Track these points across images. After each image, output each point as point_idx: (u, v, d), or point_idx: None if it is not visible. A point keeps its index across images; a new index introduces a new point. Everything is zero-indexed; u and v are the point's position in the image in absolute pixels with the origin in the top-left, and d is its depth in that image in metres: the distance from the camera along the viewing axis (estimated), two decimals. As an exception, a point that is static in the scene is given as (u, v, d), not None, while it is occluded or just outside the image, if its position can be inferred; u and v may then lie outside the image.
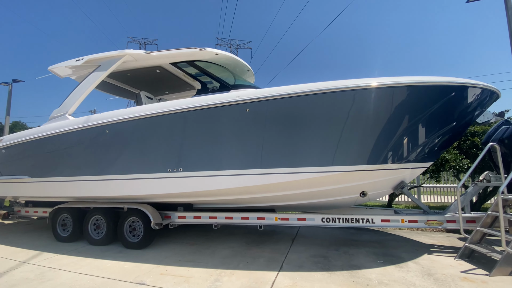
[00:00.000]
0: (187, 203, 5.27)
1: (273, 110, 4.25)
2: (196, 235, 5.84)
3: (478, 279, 3.44)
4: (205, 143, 4.57)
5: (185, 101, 4.72)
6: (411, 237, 5.54)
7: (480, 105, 4.47)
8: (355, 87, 4.09)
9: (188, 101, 4.69)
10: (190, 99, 4.73)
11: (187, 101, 4.69)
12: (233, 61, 5.60)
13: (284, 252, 4.59)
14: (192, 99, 4.73)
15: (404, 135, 4.30)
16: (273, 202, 4.99)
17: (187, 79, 6.30)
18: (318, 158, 4.29)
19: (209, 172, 4.59)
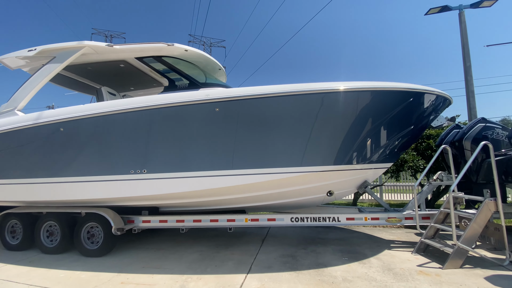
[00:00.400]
0: (152, 207, 5.01)
1: (244, 111, 4.21)
2: (163, 240, 5.58)
3: (432, 272, 3.70)
4: (172, 143, 4.37)
5: (149, 98, 4.48)
6: (374, 233, 5.84)
7: (434, 110, 4.84)
8: (323, 90, 4.20)
9: (154, 98, 4.45)
10: (155, 96, 4.50)
11: (152, 98, 4.45)
12: (204, 58, 5.45)
13: (254, 253, 4.56)
14: (158, 96, 4.51)
15: (367, 137, 4.51)
16: (244, 203, 4.94)
17: (155, 75, 6.01)
18: (289, 159, 4.33)
19: (177, 174, 4.41)
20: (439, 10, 10.22)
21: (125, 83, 6.52)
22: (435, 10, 10.22)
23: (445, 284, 3.32)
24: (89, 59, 5.50)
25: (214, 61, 5.57)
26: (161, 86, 6.57)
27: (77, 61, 5.39)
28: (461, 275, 3.58)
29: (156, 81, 6.42)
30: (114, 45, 5.07)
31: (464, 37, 9.98)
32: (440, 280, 3.44)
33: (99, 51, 5.22)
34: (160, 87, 6.66)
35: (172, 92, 4.57)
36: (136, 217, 4.95)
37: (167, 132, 4.36)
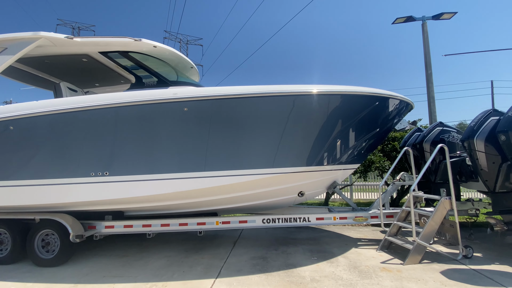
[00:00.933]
0: (117, 211, 4.72)
1: (216, 111, 4.12)
2: (128, 246, 5.28)
3: (394, 268, 3.89)
4: (138, 144, 4.15)
5: (112, 96, 4.22)
6: (343, 232, 6.03)
7: (398, 114, 5.10)
8: (296, 92, 4.25)
9: (116, 95, 4.20)
10: (119, 94, 4.25)
11: (115, 96, 4.19)
12: (175, 56, 5.25)
13: (224, 256, 4.48)
14: (122, 93, 4.26)
15: (337, 138, 4.63)
16: (216, 205, 4.84)
17: (121, 71, 5.69)
18: (261, 160, 4.32)
19: (143, 176, 4.20)
20: (404, 20, 10.89)
21: (88, 78, 6.10)
22: (401, 20, 10.87)
23: (405, 280, 3.50)
24: (47, 52, 5.06)
25: (185, 59, 5.40)
26: (129, 83, 6.26)
27: (33, 53, 4.93)
28: (420, 270, 3.79)
29: (124, 77, 6.08)
30: (75, 38, 4.71)
31: (426, 46, 10.73)
32: (400, 276, 3.61)
33: (57, 44, 4.81)
34: (129, 84, 6.34)
35: (138, 90, 4.34)
36: (98, 222, 4.63)
37: (132, 132, 4.13)
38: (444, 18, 10.67)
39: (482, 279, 3.46)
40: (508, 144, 3.59)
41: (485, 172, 4.23)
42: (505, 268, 3.78)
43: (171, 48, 4.93)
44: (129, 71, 5.01)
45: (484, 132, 4.15)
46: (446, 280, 3.44)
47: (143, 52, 4.81)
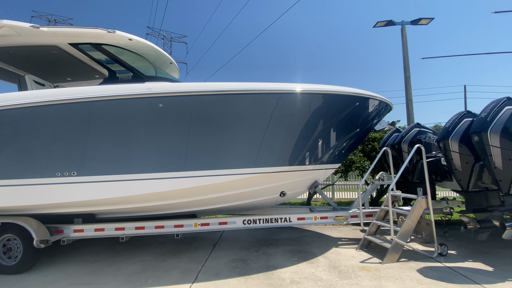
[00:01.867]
0: (87, 214, 4.43)
1: (195, 108, 3.95)
2: (100, 250, 4.98)
3: (373, 267, 3.90)
4: (110, 142, 3.90)
5: (79, 90, 3.94)
6: (324, 232, 6.04)
7: (377, 115, 5.17)
8: (279, 91, 4.17)
9: (85, 89, 3.92)
10: (88, 87, 3.97)
11: (82, 90, 3.92)
12: (153, 51, 5.01)
13: (203, 260, 4.31)
14: (92, 87, 3.99)
15: (318, 138, 4.61)
16: (195, 207, 4.67)
17: (95, 65, 5.36)
18: (243, 159, 4.21)
19: (116, 176, 3.96)
20: (385, 24, 11.17)
21: (58, 72, 5.71)
22: (382, 23, 11.15)
23: (383, 279, 3.51)
24: (12, 42, 4.66)
25: (164, 54, 5.18)
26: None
27: (-4, 43, 4.53)
28: (397, 269, 3.83)
29: (98, 72, 5.75)
30: (42, 27, 4.37)
31: (405, 49, 11.06)
32: (379, 275, 3.62)
33: (22, 33, 4.44)
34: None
35: (111, 84, 4.09)
36: (66, 226, 4.32)
37: (103, 129, 3.88)
38: (422, 23, 11.05)
39: (456, 276, 3.54)
40: (480, 144, 3.70)
41: (459, 172, 4.36)
42: (478, 265, 3.90)
43: (148, 42, 4.70)
44: (102, 65, 4.72)
45: (458, 133, 4.28)
46: (423, 279, 3.49)
47: (117, 45, 4.54)
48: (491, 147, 3.60)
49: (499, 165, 3.60)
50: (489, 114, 3.68)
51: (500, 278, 3.43)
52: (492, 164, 3.64)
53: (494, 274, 3.60)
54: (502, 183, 3.64)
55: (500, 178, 3.64)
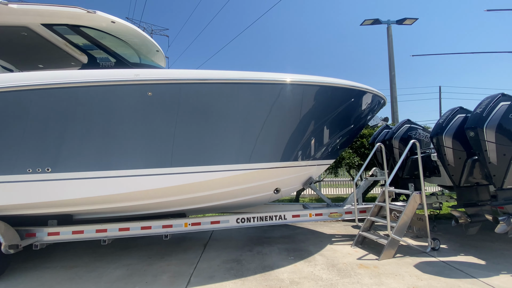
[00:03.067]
0: (63, 214, 4.00)
1: (185, 97, 3.63)
2: (79, 254, 4.55)
3: (371, 264, 3.84)
4: (90, 134, 3.51)
5: (55, 74, 3.50)
6: (316, 228, 5.96)
7: (373, 109, 5.12)
8: (276, 81, 3.96)
9: (62, 74, 3.49)
10: (67, 71, 3.54)
11: (59, 74, 3.48)
12: (138, 36, 4.60)
13: (194, 262, 4.04)
14: (70, 71, 3.56)
15: (315, 132, 4.47)
16: (185, 205, 4.37)
17: (72, 50, 4.85)
18: (236, 155, 3.97)
19: (97, 173, 3.58)
20: (371, 22, 11.31)
21: (29, 57, 5.12)
22: (369, 22, 11.28)
23: (383, 276, 3.44)
24: (-27, 21, 4.08)
25: (150, 41, 4.77)
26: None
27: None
28: (395, 265, 3.79)
29: (75, 59, 5.22)
30: (11, 3, 3.84)
31: (390, 48, 11.27)
32: (378, 272, 3.56)
33: (-14, 11, 3.89)
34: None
35: (91, 70, 3.67)
36: (39, 229, 3.88)
37: (82, 120, 3.47)
38: (406, 23, 11.31)
39: (452, 271, 3.55)
40: (476, 139, 3.73)
41: (451, 167, 4.40)
42: (471, 259, 3.96)
43: (132, 26, 4.29)
44: (81, 50, 4.25)
45: (452, 128, 4.30)
46: (421, 274, 3.46)
47: (98, 28, 4.11)
48: (486, 143, 3.63)
49: (493, 160, 3.64)
50: (485, 109, 3.71)
51: (494, 272, 3.48)
52: (487, 159, 3.68)
53: (487, 267, 3.66)
54: (496, 178, 3.70)
55: (494, 173, 3.69)
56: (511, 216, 3.54)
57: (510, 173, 3.59)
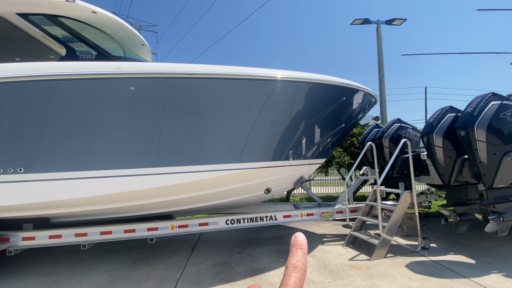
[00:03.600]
0: (39, 218, 3.73)
1: (174, 93, 3.43)
2: (57, 260, 4.27)
3: (363, 265, 3.77)
4: (68, 132, 3.26)
5: (30, 66, 3.23)
6: (307, 228, 5.88)
7: (365, 108, 5.06)
8: (267, 77, 3.82)
9: (38, 65, 3.22)
10: (43, 63, 3.27)
11: (34, 66, 3.21)
12: (121, 28, 4.35)
13: (181, 266, 3.87)
14: (47, 63, 3.29)
15: (307, 131, 4.37)
16: (171, 207, 4.17)
17: (50, 42, 4.54)
18: (226, 154, 3.81)
19: (76, 173, 3.33)
20: (361, 22, 11.35)
21: (4, 49, 4.78)
22: (359, 21, 11.31)
23: (375, 277, 3.38)
24: None
25: (135, 34, 4.52)
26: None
27: None
28: (387, 265, 3.74)
29: (54, 52, 4.89)
30: None
31: (380, 48, 11.35)
32: (370, 273, 3.50)
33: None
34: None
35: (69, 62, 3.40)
36: (12, 233, 3.60)
37: (60, 116, 3.22)
38: (395, 23, 11.42)
39: (444, 270, 3.54)
40: (467, 139, 3.72)
41: (441, 166, 4.40)
42: (460, 258, 3.96)
43: (115, 17, 4.04)
44: (60, 42, 3.97)
45: (442, 128, 4.30)
46: (413, 275, 3.42)
47: (78, 19, 3.84)
48: (477, 142, 3.63)
49: (484, 159, 3.64)
50: (475, 109, 3.70)
51: (484, 271, 3.48)
52: (478, 158, 3.68)
53: (477, 266, 3.66)
54: (486, 177, 3.71)
55: (484, 172, 3.70)
56: (501, 215, 3.56)
57: (500, 172, 3.61)
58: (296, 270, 0.38)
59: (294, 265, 0.39)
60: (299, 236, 0.42)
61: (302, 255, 0.40)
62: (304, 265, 0.39)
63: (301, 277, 0.38)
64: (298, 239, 0.42)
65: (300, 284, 0.37)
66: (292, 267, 0.39)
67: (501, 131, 3.56)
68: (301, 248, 0.41)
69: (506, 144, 3.57)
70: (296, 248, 0.41)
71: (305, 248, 0.41)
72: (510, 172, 3.66)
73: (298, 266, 0.39)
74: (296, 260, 0.39)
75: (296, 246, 0.41)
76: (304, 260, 0.40)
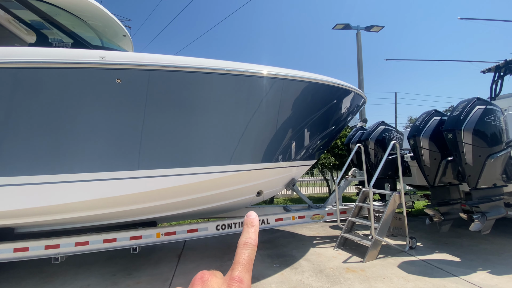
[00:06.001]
0: (1, 228, 3.21)
1: (163, 87, 3.11)
2: (23, 275, 3.73)
3: (357, 267, 3.75)
4: (37, 129, 2.83)
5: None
6: (295, 231, 5.81)
7: (355, 109, 5.09)
8: (258, 74, 3.65)
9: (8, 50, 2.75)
10: (12, 48, 2.80)
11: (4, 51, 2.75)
12: (102, 16, 3.92)
13: (168, 277, 3.56)
14: (18, 48, 2.83)
15: (300, 132, 4.28)
16: (155, 213, 3.84)
17: (17, 28, 3.99)
18: (217, 155, 3.58)
19: (45, 177, 2.91)
20: (343, 27, 11.64)
21: None
22: (340, 26, 11.59)
23: (372, 280, 3.36)
24: None
25: (116, 23, 4.10)
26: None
27: None
28: (380, 267, 3.75)
29: (20, 39, 4.31)
30: None
31: (359, 53, 11.73)
32: (366, 276, 3.47)
33: None
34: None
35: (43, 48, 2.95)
36: (-34, 248, 3.06)
37: (30, 111, 2.78)
38: (373, 30, 11.87)
39: (434, 270, 3.62)
40: (454, 141, 3.86)
41: (427, 168, 4.55)
42: (446, 256, 4.11)
43: (96, 3, 3.63)
44: (30, 27, 3.47)
45: (429, 130, 4.44)
46: (407, 275, 3.46)
47: (52, 2, 3.39)
48: (463, 144, 3.77)
49: (469, 161, 3.80)
50: (462, 112, 3.86)
51: (470, 268, 3.62)
52: (463, 160, 3.83)
53: (463, 264, 3.81)
54: (471, 178, 3.87)
55: (469, 173, 3.85)
56: (485, 214, 3.73)
57: (484, 173, 3.78)
58: (246, 247, 0.40)
59: (245, 242, 0.40)
60: (251, 214, 0.44)
61: (254, 231, 0.42)
62: (255, 240, 0.41)
63: (251, 253, 0.40)
64: (250, 217, 0.44)
65: (249, 259, 0.39)
66: (242, 245, 0.40)
67: (486, 134, 3.74)
68: (252, 225, 0.43)
69: (490, 146, 3.75)
70: (248, 226, 0.42)
71: (256, 225, 0.43)
72: (493, 174, 3.86)
73: (248, 243, 0.40)
74: (247, 237, 0.41)
75: (248, 224, 0.43)
76: (255, 236, 0.41)
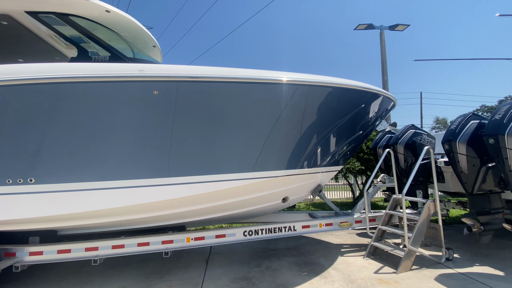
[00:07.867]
0: (47, 230, 3.46)
1: (188, 96, 3.21)
2: (63, 275, 3.97)
3: (390, 279, 3.60)
4: (80, 140, 3.02)
5: (43, 67, 3.00)
6: (320, 238, 5.69)
7: (384, 113, 4.93)
8: (300, 82, 3.66)
9: (52, 67, 2.98)
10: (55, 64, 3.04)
11: (48, 67, 2.98)
12: (134, 28, 4.13)
13: (199, 281, 3.63)
14: (60, 64, 3.07)
15: (327, 137, 4.22)
16: (184, 218, 3.95)
17: (58, 43, 4.29)
18: (243, 162, 3.63)
19: (87, 184, 3.10)
20: (365, 27, 11.35)
21: (7, 50, 4.52)
22: (363, 26, 11.31)
23: (407, 293, 3.21)
24: None
25: (147, 34, 4.31)
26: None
27: None
28: (415, 279, 3.58)
29: (60, 53, 4.64)
30: None
31: (383, 53, 11.36)
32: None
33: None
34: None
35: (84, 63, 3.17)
36: (19, 247, 3.33)
37: (71, 122, 2.98)
38: (398, 29, 11.46)
39: (476, 284, 3.39)
40: (496, 147, 3.62)
41: (464, 175, 4.29)
42: (488, 270, 3.83)
43: (129, 16, 3.83)
44: (71, 42, 3.74)
45: (466, 135, 4.20)
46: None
47: (90, 18, 3.63)
48: (507, 150, 3.52)
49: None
50: (505, 116, 3.60)
51: (517, 284, 3.35)
52: (508, 167, 3.57)
53: (508, 279, 3.53)
54: (516, 186, 3.60)
55: (514, 181, 3.58)
56: (533, 226, 3.44)
57: (531, 181, 3.49)
58: None
59: None
60: None
61: None
62: None
63: None
64: None
65: None
66: None
67: (533, 139, 3.46)
68: None
69: (538, 152, 3.46)
70: None
71: None
72: (542, 182, 3.56)
73: None
74: None
75: None
76: None
